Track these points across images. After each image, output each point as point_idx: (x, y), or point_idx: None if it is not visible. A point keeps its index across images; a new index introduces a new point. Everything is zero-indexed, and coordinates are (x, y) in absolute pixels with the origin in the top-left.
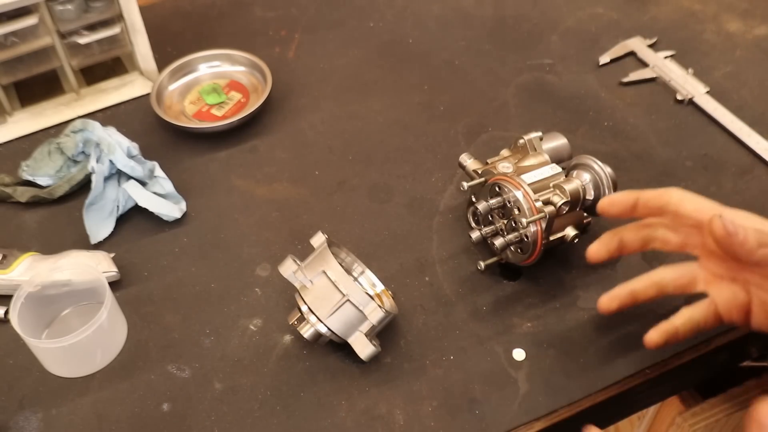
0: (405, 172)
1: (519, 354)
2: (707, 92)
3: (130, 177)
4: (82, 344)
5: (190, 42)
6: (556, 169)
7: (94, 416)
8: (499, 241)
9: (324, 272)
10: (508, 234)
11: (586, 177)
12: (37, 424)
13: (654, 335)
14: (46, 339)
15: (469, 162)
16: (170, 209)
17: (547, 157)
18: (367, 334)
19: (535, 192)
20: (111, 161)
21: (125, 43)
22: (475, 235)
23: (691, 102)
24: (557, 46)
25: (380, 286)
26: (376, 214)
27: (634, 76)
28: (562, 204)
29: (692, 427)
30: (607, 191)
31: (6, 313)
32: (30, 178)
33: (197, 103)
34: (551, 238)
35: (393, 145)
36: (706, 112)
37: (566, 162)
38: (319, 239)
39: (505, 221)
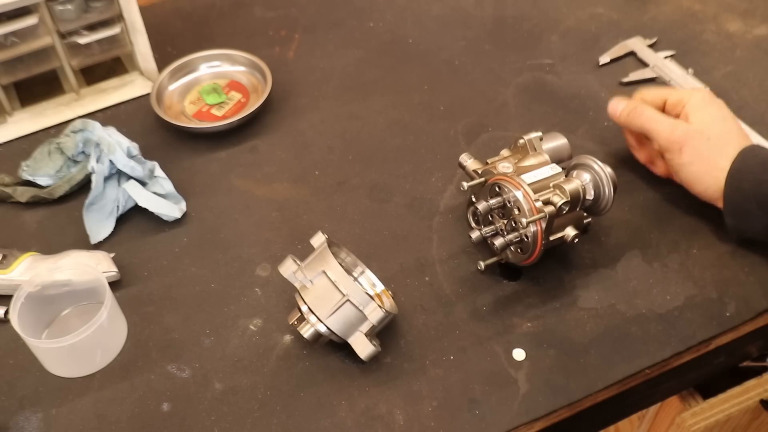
0: (405, 172)
1: (519, 354)
2: None
3: (130, 177)
4: (82, 344)
5: (190, 42)
6: (556, 169)
7: (94, 416)
8: (499, 241)
9: (324, 272)
10: (508, 234)
11: (586, 177)
12: (37, 424)
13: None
14: (46, 339)
15: (469, 162)
16: (170, 209)
17: (547, 157)
18: (367, 334)
19: (535, 192)
20: (111, 161)
21: (125, 43)
22: (475, 235)
23: None
24: (557, 46)
25: (380, 286)
26: (376, 214)
27: (634, 76)
28: (562, 204)
29: (692, 427)
30: (607, 191)
31: (6, 313)
32: (30, 178)
33: (197, 103)
34: (551, 238)
35: (393, 145)
36: None
37: (566, 162)
38: (319, 239)
39: (505, 221)
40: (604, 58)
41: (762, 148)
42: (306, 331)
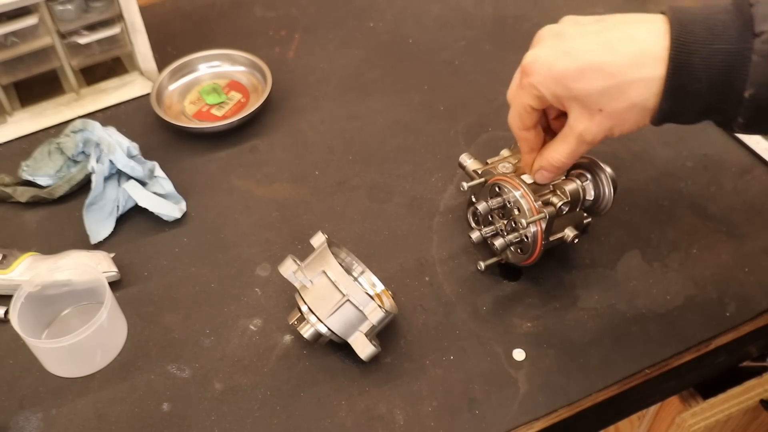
0: (405, 172)
1: (519, 354)
2: None
3: (130, 177)
4: (82, 344)
5: (190, 42)
6: None
7: (94, 416)
8: (499, 242)
9: (324, 272)
10: (508, 234)
11: (586, 177)
12: (37, 424)
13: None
14: (46, 339)
15: (469, 162)
16: (170, 209)
17: None
18: (367, 334)
19: (534, 192)
20: (111, 161)
21: (125, 43)
22: (475, 235)
23: None
24: None
25: (380, 286)
26: (376, 214)
27: None
28: (562, 204)
29: (692, 427)
30: (607, 191)
31: (6, 313)
32: (30, 178)
33: (197, 103)
34: (551, 239)
35: (393, 145)
36: None
37: None
38: (319, 239)
39: (505, 221)
40: None
41: (681, 10)
42: (306, 331)
